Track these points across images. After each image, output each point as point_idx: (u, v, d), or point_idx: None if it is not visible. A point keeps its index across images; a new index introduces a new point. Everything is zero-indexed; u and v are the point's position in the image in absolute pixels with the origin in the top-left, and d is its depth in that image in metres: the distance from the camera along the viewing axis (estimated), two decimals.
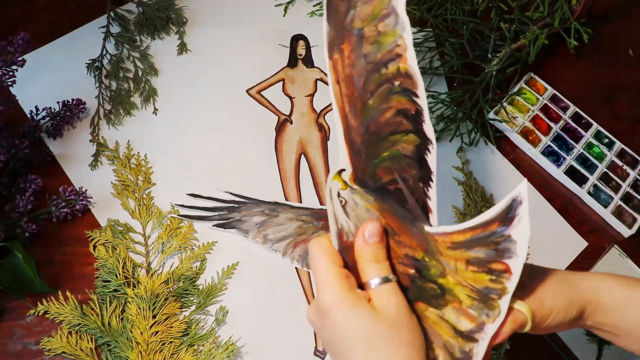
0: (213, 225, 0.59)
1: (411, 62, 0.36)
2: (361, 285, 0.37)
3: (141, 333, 0.51)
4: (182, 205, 0.59)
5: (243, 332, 0.54)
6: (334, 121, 0.37)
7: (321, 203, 0.62)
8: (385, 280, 0.36)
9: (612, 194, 0.65)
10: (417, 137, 0.37)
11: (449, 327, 0.36)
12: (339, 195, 0.38)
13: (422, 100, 0.36)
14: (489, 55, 0.68)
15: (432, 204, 0.37)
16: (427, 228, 0.37)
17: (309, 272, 0.58)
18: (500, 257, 0.34)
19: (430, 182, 0.37)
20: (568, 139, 0.68)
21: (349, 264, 0.38)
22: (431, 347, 0.36)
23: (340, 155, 0.37)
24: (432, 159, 0.37)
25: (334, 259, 0.37)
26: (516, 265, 0.34)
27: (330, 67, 0.37)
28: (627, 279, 0.39)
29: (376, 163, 0.37)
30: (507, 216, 0.34)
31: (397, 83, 0.36)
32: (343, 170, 0.37)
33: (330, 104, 0.67)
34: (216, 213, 0.59)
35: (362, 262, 0.37)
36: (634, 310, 0.38)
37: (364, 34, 0.37)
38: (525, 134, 0.68)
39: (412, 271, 0.37)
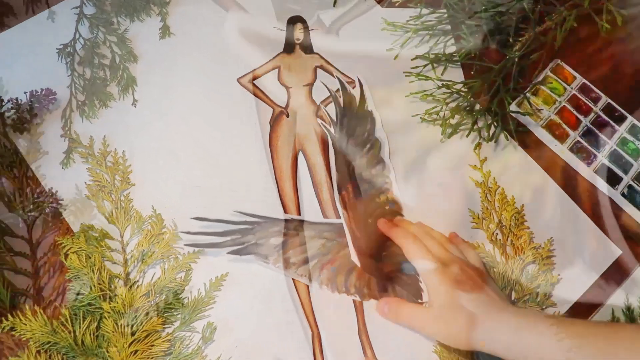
0: (227, 253, 0.55)
1: (396, 192, 0.58)
2: None
3: (118, 352, 0.49)
4: (188, 232, 0.55)
5: (232, 351, 0.52)
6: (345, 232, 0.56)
7: (321, 206, 0.58)
8: None
9: None
10: None
11: None
12: None
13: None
14: (510, 40, 0.66)
15: (423, 285, 0.54)
16: None
17: (307, 286, 0.55)
18: None
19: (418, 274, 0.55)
20: (599, 133, 0.65)
21: None
22: None
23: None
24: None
25: None
26: None
27: (340, 200, 0.57)
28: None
29: (377, 260, 0.56)
30: None
31: (387, 207, 0.57)
32: None
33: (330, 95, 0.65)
34: (228, 238, 0.55)
35: None
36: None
37: (362, 177, 0.58)
38: (551, 128, 0.65)
39: None
